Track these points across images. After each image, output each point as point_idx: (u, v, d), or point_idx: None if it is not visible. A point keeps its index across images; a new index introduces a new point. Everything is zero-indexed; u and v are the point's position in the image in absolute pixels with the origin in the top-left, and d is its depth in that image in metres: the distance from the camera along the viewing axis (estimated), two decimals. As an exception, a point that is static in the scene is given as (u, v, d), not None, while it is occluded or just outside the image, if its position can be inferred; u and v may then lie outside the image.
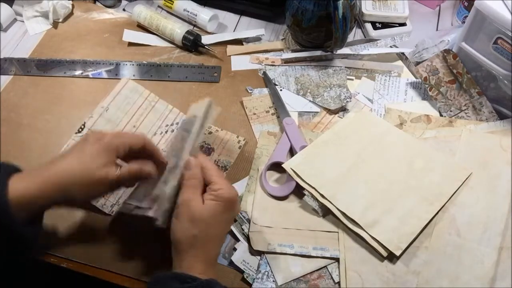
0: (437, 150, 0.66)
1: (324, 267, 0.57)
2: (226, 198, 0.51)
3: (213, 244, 0.51)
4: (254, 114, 0.72)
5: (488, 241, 0.57)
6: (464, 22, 0.73)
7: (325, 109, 0.73)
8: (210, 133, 0.70)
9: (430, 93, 0.72)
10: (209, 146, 0.68)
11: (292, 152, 0.67)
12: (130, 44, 0.83)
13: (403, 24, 0.83)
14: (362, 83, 0.76)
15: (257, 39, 0.84)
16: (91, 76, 0.78)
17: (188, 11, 0.84)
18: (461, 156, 0.65)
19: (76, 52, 0.82)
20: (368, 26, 0.83)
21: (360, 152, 0.65)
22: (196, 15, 0.83)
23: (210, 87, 0.77)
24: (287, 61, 0.79)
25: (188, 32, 0.80)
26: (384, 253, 0.56)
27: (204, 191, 0.52)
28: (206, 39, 0.82)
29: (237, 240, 0.60)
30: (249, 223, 0.60)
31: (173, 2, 0.85)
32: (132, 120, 0.69)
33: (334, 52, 0.78)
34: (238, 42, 0.83)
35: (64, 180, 0.48)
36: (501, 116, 0.70)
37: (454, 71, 0.71)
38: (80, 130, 0.67)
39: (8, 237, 0.46)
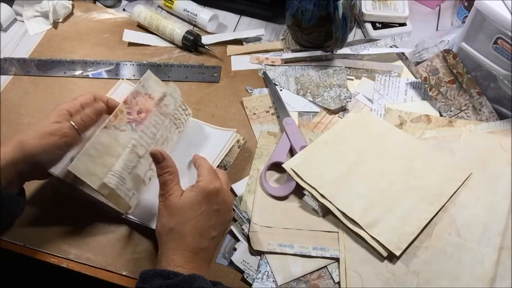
0: (437, 150, 0.66)
1: (324, 267, 0.57)
2: (203, 188, 0.51)
3: (192, 236, 0.50)
4: (254, 114, 0.72)
5: (488, 241, 0.57)
6: (464, 22, 0.73)
7: (325, 109, 0.73)
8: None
9: (430, 93, 0.72)
10: (209, 146, 0.68)
11: (292, 152, 0.67)
12: (130, 44, 0.83)
13: (403, 24, 0.83)
14: (362, 83, 0.76)
15: (257, 39, 0.84)
16: (91, 76, 0.78)
17: (188, 11, 0.84)
18: (461, 156, 0.65)
19: (76, 52, 0.82)
20: (368, 26, 0.83)
21: (360, 152, 0.65)
22: (196, 15, 0.83)
23: (210, 87, 0.77)
24: (287, 61, 0.79)
25: (188, 32, 0.80)
26: (384, 253, 0.56)
27: None
28: (206, 39, 0.82)
29: (237, 240, 0.60)
30: (249, 223, 0.60)
31: (173, 2, 0.85)
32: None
33: (334, 52, 0.78)
34: (238, 42, 0.83)
35: (21, 139, 0.53)
36: (501, 116, 0.70)
37: (454, 71, 0.71)
38: None
39: None
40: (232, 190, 0.64)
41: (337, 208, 0.59)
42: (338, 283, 0.56)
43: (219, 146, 0.64)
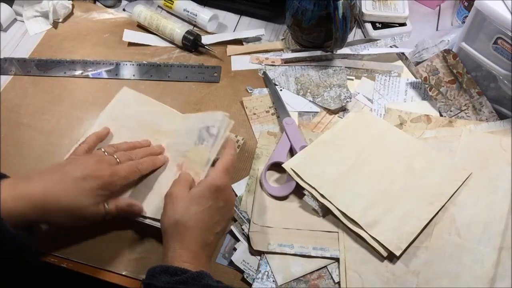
0: (437, 150, 0.66)
1: (324, 267, 0.57)
2: (209, 184, 0.51)
3: (197, 231, 0.50)
4: (254, 114, 0.72)
5: (488, 241, 0.57)
6: (464, 22, 0.73)
7: (325, 109, 0.73)
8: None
9: (430, 93, 0.72)
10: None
11: (292, 152, 0.67)
12: (130, 44, 0.83)
13: (403, 24, 0.83)
14: (362, 83, 0.76)
15: (257, 39, 0.84)
16: (91, 76, 0.78)
17: (188, 11, 0.84)
18: (461, 156, 0.65)
19: (76, 52, 0.82)
20: (368, 26, 0.83)
21: (360, 152, 0.65)
22: (196, 15, 0.83)
23: (210, 87, 0.77)
24: (287, 61, 0.79)
25: (188, 32, 0.80)
26: (384, 253, 0.56)
27: None
28: (206, 39, 0.82)
29: (237, 240, 0.60)
30: (249, 223, 0.60)
31: (173, 2, 0.85)
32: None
33: (334, 52, 0.78)
34: (238, 42, 0.83)
35: (48, 206, 0.50)
36: (501, 116, 0.70)
37: (454, 71, 0.71)
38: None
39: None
40: (232, 190, 0.64)
41: (337, 208, 0.59)
42: (338, 283, 0.56)
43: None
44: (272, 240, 0.58)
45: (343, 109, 0.73)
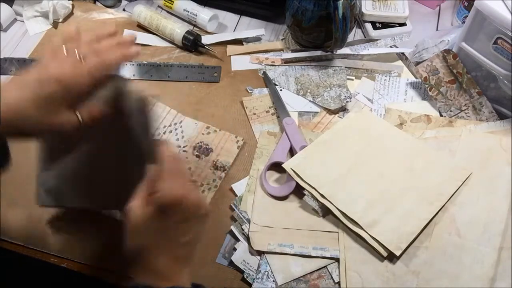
0: (437, 150, 0.66)
1: (324, 267, 0.57)
2: (159, 201, 0.43)
3: (159, 252, 0.44)
4: (254, 114, 0.72)
5: (488, 241, 0.57)
6: (464, 22, 0.73)
7: (325, 109, 0.73)
8: (208, 133, 0.70)
9: (430, 93, 0.72)
10: (207, 147, 0.68)
11: (292, 152, 0.67)
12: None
13: (403, 24, 0.83)
14: (362, 83, 0.76)
15: (257, 39, 0.84)
16: (91, 76, 0.78)
17: (188, 11, 0.84)
18: (461, 156, 0.65)
19: (76, 52, 0.82)
20: (368, 26, 0.83)
21: (360, 152, 0.65)
22: (196, 15, 0.83)
23: (210, 87, 0.77)
24: (287, 61, 0.79)
25: (188, 32, 0.80)
26: (384, 253, 0.56)
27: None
28: (206, 39, 0.82)
29: (237, 240, 0.60)
30: (249, 223, 0.60)
31: (173, 2, 0.85)
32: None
33: (334, 52, 0.78)
34: (238, 42, 0.83)
35: (11, 119, 0.44)
36: (501, 116, 0.70)
37: (454, 71, 0.71)
38: None
39: None
40: (232, 190, 0.64)
41: (337, 208, 0.59)
42: (338, 283, 0.56)
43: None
44: (272, 240, 0.58)
45: (343, 109, 0.73)
